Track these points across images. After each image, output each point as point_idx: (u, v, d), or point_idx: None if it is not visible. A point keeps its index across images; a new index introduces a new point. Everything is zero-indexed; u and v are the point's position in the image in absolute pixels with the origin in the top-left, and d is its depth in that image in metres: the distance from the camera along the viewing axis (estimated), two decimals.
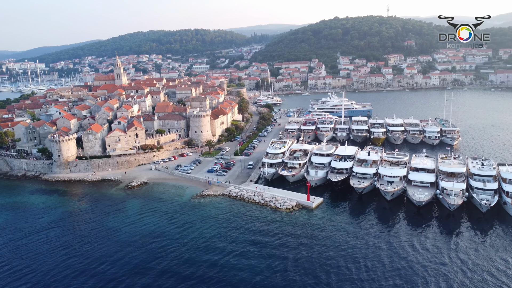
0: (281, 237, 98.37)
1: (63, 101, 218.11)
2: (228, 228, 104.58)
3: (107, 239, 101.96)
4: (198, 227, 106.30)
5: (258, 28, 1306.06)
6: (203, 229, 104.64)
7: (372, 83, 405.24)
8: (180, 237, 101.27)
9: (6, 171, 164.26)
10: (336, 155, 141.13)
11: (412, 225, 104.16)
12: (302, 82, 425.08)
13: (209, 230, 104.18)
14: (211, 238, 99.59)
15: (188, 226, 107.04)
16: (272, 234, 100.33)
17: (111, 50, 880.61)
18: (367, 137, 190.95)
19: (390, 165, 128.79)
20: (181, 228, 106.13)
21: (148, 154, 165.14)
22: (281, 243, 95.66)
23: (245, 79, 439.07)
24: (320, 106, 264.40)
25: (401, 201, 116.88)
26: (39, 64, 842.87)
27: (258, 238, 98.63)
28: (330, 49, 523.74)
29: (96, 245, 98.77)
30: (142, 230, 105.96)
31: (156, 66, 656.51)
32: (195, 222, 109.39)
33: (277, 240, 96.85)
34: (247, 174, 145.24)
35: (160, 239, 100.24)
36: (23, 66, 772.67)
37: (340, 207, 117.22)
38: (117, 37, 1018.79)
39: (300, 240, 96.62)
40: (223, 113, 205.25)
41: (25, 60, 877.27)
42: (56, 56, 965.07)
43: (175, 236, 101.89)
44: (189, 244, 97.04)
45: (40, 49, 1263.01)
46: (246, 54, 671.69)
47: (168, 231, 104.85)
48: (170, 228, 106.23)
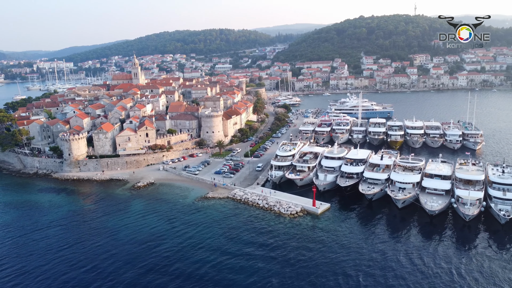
0: (280, 245, 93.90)
1: (80, 100, 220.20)
2: (227, 233, 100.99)
3: (103, 240, 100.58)
4: (196, 230, 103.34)
5: (284, 27, 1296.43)
6: (200, 233, 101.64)
7: (396, 84, 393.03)
8: (176, 240, 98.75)
9: (20, 169, 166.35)
10: (347, 158, 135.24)
11: (423, 235, 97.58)
12: (324, 82, 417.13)
13: (206, 234, 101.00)
14: (206, 242, 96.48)
15: (186, 229, 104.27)
16: (271, 241, 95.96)
17: (137, 49, 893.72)
18: (384, 140, 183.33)
19: (403, 171, 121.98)
20: (179, 231, 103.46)
21: (158, 154, 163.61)
22: (278, 252, 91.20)
23: (266, 79, 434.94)
24: (338, 107, 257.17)
25: (414, 209, 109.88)
26: (67, 63, 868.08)
27: (255, 245, 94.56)
28: (353, 49, 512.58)
29: (91, 247, 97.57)
30: (140, 232, 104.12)
31: (180, 66, 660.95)
32: (194, 225, 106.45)
33: (274, 249, 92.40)
34: (255, 177, 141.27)
35: (155, 242, 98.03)
36: (52, 65, 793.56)
37: (347, 214, 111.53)
38: (144, 37, 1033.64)
39: (300, 249, 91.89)
40: (236, 113, 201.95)
41: (55, 59, 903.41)
42: (84, 56, 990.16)
43: (171, 238, 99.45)
44: (182, 247, 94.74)
45: (71, 49, 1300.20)
46: (269, 54, 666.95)
47: (165, 233, 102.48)
48: (168, 231, 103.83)
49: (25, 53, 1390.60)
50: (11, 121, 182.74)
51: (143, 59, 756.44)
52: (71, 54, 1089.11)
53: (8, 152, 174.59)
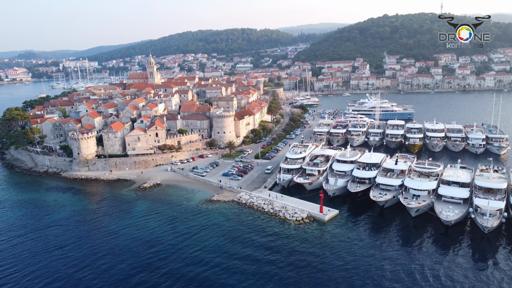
0: (280, 252, 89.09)
1: (94, 98, 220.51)
2: (227, 239, 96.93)
3: (100, 242, 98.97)
4: (196, 234, 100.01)
5: (308, 27, 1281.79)
6: (200, 237, 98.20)
7: (419, 84, 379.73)
8: (174, 243, 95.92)
9: (31, 167, 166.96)
10: (359, 162, 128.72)
11: (438, 247, 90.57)
12: (344, 82, 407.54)
13: (205, 239, 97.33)
14: (203, 248, 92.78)
15: (186, 232, 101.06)
16: (271, 248, 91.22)
17: (160, 49, 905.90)
18: (402, 143, 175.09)
19: (419, 176, 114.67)
20: (179, 234, 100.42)
21: (166, 154, 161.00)
22: (277, 259, 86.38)
23: (285, 79, 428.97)
24: (357, 107, 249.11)
25: (429, 218, 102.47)
26: (92, 62, 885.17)
27: (254, 252, 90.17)
28: (376, 48, 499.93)
29: (86, 248, 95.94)
30: (139, 234, 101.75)
31: (201, 65, 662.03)
32: (195, 229, 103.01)
33: (274, 256, 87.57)
34: (263, 180, 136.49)
35: (152, 245, 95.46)
36: (78, 64, 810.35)
37: (357, 222, 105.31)
38: (167, 37, 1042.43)
39: (302, 257, 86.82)
40: (249, 114, 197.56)
41: (80, 58, 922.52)
42: (109, 55, 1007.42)
43: (169, 242, 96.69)
44: (180, 252, 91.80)
45: (97, 48, 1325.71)
46: (291, 54, 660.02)
47: (165, 236, 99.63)
48: (168, 234, 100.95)
49: (54, 53, 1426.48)
50: (25, 119, 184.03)
51: (165, 58, 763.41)
52: (97, 53, 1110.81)
53: (21, 150, 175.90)
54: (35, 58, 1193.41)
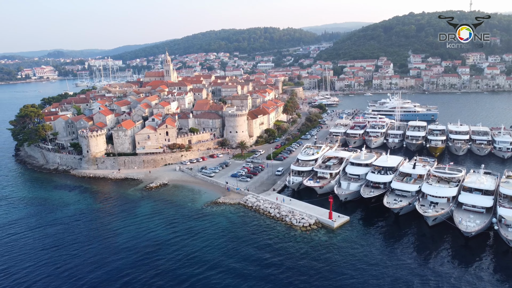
0: (282, 261, 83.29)
1: (109, 96, 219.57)
2: (228, 244, 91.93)
3: (97, 242, 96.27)
4: (196, 238, 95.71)
5: (333, 26, 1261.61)
6: (200, 241, 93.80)
7: (445, 84, 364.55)
8: (173, 246, 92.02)
9: (42, 164, 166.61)
10: (375, 165, 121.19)
11: (456, 261, 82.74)
12: (366, 82, 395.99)
13: (206, 243, 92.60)
14: (202, 253, 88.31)
15: (186, 236, 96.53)
16: (274, 255, 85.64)
17: (183, 48, 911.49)
18: (423, 145, 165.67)
19: (438, 182, 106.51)
20: (178, 237, 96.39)
21: (176, 153, 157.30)
22: (279, 267, 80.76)
23: (305, 78, 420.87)
24: (377, 108, 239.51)
25: (448, 227, 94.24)
26: (117, 61, 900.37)
27: (254, 258, 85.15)
28: (401, 47, 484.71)
29: (82, 249, 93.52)
30: (138, 236, 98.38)
31: (222, 64, 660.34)
32: (196, 231, 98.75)
33: (275, 264, 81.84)
34: (273, 182, 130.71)
35: (149, 247, 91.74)
36: (103, 63, 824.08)
37: (368, 230, 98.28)
38: (190, 36, 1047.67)
39: (305, 266, 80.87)
40: (263, 113, 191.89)
41: (105, 57, 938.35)
42: (134, 54, 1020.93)
43: (167, 245, 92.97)
44: (174, 254, 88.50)
45: (123, 48, 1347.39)
46: (313, 53, 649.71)
47: (164, 239, 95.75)
48: (167, 237, 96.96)
49: (82, 52, 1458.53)
50: (38, 116, 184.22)
51: (188, 57, 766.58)
52: (123, 52, 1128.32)
53: (34, 147, 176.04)
54: (64, 57, 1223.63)
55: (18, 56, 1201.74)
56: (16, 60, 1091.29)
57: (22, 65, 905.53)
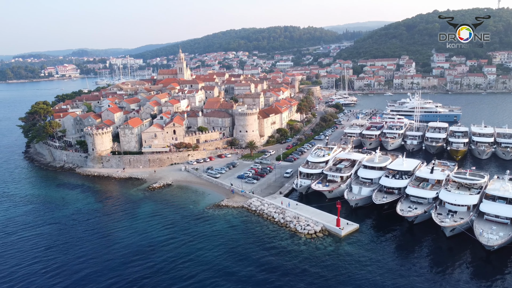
0: (282, 271, 76.89)
1: (121, 93, 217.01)
2: (225, 249, 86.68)
3: (89, 244, 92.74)
4: (193, 242, 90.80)
5: (356, 25, 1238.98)
6: (195, 247, 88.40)
7: (470, 84, 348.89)
8: (166, 250, 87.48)
9: (49, 161, 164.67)
10: (389, 169, 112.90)
11: (476, 277, 74.52)
12: (386, 81, 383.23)
13: (203, 249, 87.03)
14: (198, 259, 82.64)
15: (183, 239, 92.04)
16: (273, 264, 79.43)
17: (203, 47, 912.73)
18: (444, 148, 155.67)
19: (457, 188, 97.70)
20: (174, 240, 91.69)
21: (183, 153, 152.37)
22: (277, 278, 74.30)
23: (323, 77, 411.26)
24: (396, 108, 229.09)
25: (467, 239, 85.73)
26: (137, 60, 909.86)
27: (251, 267, 79.18)
28: (424, 45, 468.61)
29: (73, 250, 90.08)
30: (133, 238, 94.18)
31: (241, 63, 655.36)
32: (194, 235, 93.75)
33: (274, 274, 75.46)
34: (280, 184, 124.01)
35: (143, 252, 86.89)
36: (124, 62, 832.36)
37: (379, 239, 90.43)
38: (211, 35, 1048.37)
39: (307, 278, 74.07)
40: (276, 112, 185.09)
41: (126, 56, 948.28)
42: (154, 53, 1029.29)
43: (161, 248, 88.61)
44: (169, 260, 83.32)
45: (146, 47, 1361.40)
46: (333, 52, 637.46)
47: (160, 243, 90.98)
48: (163, 240, 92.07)
49: (106, 51, 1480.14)
50: (48, 113, 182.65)
51: (207, 56, 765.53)
52: (144, 51, 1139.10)
53: (42, 144, 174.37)
54: (88, 55, 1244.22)
55: (44, 55, 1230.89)
56: (42, 58, 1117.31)
57: (46, 64, 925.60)
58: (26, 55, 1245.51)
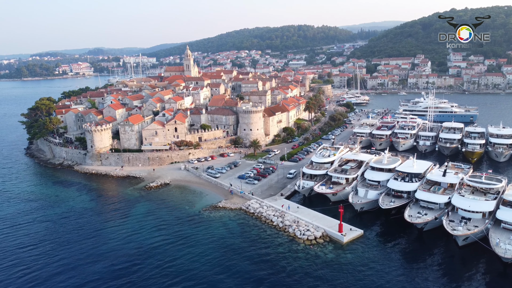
0: (275, 281, 70.27)
1: (125, 90, 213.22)
2: (216, 253, 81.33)
3: (76, 244, 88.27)
4: (184, 245, 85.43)
5: (371, 25, 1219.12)
6: (184, 251, 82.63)
7: (488, 84, 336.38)
8: (154, 252, 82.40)
9: (49, 158, 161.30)
10: (398, 171, 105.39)
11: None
12: (400, 81, 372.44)
13: (194, 255, 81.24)
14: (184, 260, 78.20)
15: (174, 242, 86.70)
16: (267, 273, 72.99)
17: (217, 46, 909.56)
18: (459, 149, 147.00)
19: (472, 193, 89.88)
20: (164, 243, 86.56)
21: (183, 151, 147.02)
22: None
23: (336, 76, 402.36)
24: (409, 107, 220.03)
25: (482, 249, 77.93)
26: (151, 58, 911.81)
27: (241, 273, 73.55)
28: (440, 44, 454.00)
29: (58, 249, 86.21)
30: (121, 240, 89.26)
31: (253, 62, 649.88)
32: (186, 238, 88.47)
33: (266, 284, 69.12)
34: (282, 186, 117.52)
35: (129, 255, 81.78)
36: (137, 60, 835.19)
37: (385, 247, 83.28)
38: (224, 34, 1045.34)
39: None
40: (282, 110, 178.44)
41: (139, 54, 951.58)
42: (168, 52, 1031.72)
43: (149, 250, 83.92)
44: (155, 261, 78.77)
45: (160, 46, 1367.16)
46: (347, 51, 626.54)
47: (147, 244, 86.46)
48: (151, 241, 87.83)
49: (121, 50, 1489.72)
50: (50, 109, 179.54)
51: (219, 55, 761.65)
52: (158, 50, 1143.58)
53: (43, 141, 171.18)
54: (103, 54, 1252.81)
55: (60, 53, 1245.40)
56: (58, 57, 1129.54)
57: (61, 62, 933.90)
58: (43, 53, 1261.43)
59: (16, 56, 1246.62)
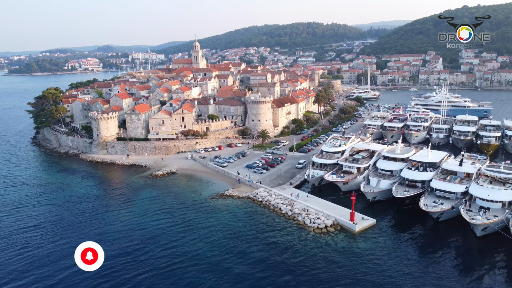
0: (286, 269, 67.31)
1: (133, 81, 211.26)
2: (222, 241, 78.00)
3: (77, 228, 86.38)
4: (189, 231, 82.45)
5: (381, 24, 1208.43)
6: (189, 237, 79.63)
7: (501, 81, 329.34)
8: (155, 241, 78.80)
9: (55, 147, 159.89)
10: (412, 161, 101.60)
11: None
12: (411, 77, 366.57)
13: (195, 236, 79.20)
14: (192, 253, 73.63)
15: (179, 228, 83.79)
16: (275, 261, 69.85)
17: (225, 43, 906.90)
18: (473, 142, 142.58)
19: (490, 183, 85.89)
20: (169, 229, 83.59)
21: (190, 141, 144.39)
22: (279, 277, 64.81)
23: (345, 71, 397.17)
24: (422, 102, 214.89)
25: (501, 239, 74.22)
26: (159, 55, 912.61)
27: (250, 263, 70.13)
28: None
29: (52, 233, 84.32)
30: (123, 226, 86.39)
31: (262, 59, 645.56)
32: (191, 225, 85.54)
33: (276, 273, 66.00)
34: (291, 175, 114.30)
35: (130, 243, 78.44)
36: (145, 57, 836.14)
37: (399, 237, 79.78)
38: (233, 31, 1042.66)
39: (314, 278, 64.33)
40: (291, 102, 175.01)
41: (148, 51, 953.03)
42: (176, 49, 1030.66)
43: (151, 235, 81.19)
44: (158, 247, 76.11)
45: (169, 43, 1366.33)
46: (357, 48, 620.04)
47: (150, 228, 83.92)
48: (155, 227, 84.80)
49: (130, 47, 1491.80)
50: (57, 98, 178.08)
51: (228, 51, 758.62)
52: (167, 47, 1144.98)
53: (50, 130, 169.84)
54: (113, 51, 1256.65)
55: (70, 50, 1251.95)
56: (68, 53, 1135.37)
57: (71, 58, 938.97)
58: (53, 50, 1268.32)
59: (27, 52, 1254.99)
